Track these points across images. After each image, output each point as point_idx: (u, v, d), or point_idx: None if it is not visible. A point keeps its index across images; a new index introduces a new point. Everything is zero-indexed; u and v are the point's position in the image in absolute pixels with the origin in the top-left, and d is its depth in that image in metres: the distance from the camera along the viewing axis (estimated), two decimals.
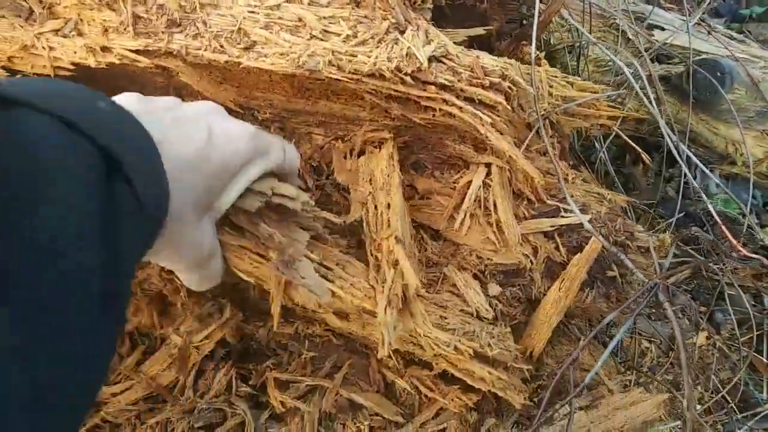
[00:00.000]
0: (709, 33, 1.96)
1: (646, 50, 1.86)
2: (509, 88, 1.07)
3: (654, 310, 1.44)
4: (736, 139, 2.02)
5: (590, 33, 1.68)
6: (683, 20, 2.03)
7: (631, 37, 1.93)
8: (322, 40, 1.01)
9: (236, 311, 1.08)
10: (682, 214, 1.78)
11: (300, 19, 1.02)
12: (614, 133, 1.43)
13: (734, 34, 2.10)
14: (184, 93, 1.13)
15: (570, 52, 1.94)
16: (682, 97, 1.93)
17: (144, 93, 0.79)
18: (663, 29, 1.98)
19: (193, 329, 1.06)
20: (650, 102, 1.38)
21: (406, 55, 1.00)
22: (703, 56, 1.86)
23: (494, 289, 1.05)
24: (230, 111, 1.16)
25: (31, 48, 1.05)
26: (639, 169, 2.41)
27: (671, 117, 1.90)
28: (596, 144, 1.70)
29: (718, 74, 1.83)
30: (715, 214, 1.19)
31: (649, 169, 2.42)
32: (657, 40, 1.95)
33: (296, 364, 1.09)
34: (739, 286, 1.68)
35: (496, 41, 1.33)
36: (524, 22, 1.30)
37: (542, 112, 1.10)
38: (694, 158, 1.32)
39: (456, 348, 0.93)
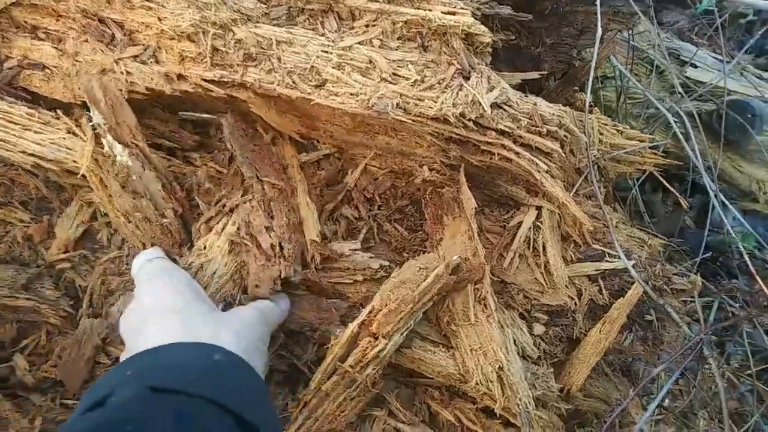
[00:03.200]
0: (741, 74, 2.01)
1: (681, 87, 1.90)
2: (564, 136, 1.12)
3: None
4: (760, 177, 2.08)
5: (630, 70, 1.73)
6: (716, 58, 2.08)
7: (666, 68, 1.98)
8: (391, 83, 1.06)
9: None
10: (707, 253, 1.82)
11: (371, 61, 1.07)
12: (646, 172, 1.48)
13: (764, 74, 2.14)
14: (246, 117, 1.18)
15: (602, 82, 1.99)
16: (712, 134, 1.98)
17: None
18: (696, 66, 2.03)
19: None
20: (683, 137, 1.44)
21: (471, 101, 1.04)
22: (735, 97, 1.91)
23: (539, 328, 1.10)
24: (293, 140, 1.21)
25: (109, 71, 1.09)
26: (659, 198, 2.47)
27: (700, 152, 1.96)
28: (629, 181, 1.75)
29: (749, 116, 1.88)
30: (747, 259, 1.25)
31: (668, 198, 2.48)
32: (688, 77, 2.00)
33: None
34: (758, 322, 1.74)
35: (546, 81, 1.38)
36: (574, 64, 1.35)
37: (592, 159, 1.15)
38: (719, 194, 1.37)
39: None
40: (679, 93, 1.85)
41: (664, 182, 1.30)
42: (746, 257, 1.14)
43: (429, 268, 1.03)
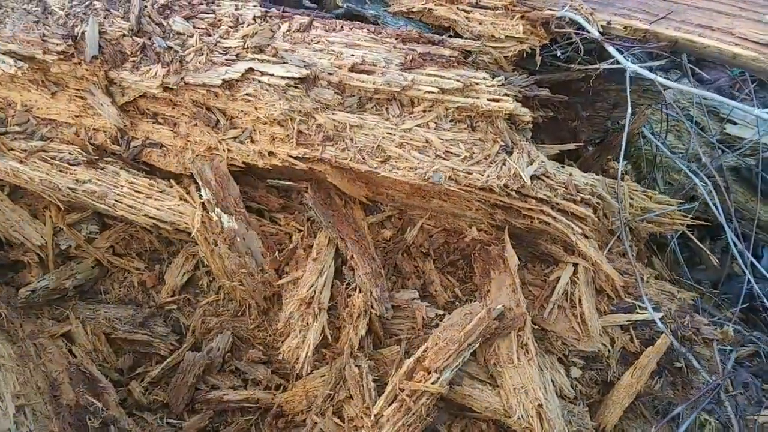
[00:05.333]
0: None
1: (719, 142, 2.02)
2: (597, 202, 1.28)
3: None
4: None
5: (666, 132, 1.87)
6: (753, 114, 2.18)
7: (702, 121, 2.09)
8: (444, 159, 1.26)
9: None
10: (755, 301, 1.89)
11: (427, 141, 1.27)
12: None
13: None
14: (321, 185, 1.40)
15: (643, 137, 2.12)
16: (751, 187, 2.07)
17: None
18: (735, 123, 2.14)
19: None
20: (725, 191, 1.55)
21: (513, 174, 1.23)
22: None
23: (576, 372, 1.25)
24: (360, 203, 1.43)
25: (214, 149, 1.35)
26: (706, 245, 2.54)
27: (741, 204, 2.06)
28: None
29: None
30: None
31: (716, 246, 2.54)
32: (728, 133, 2.11)
33: None
34: None
35: (584, 147, 1.55)
36: (609, 133, 1.51)
37: (624, 221, 1.31)
38: (744, 249, 1.47)
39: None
40: (719, 148, 1.96)
41: (696, 241, 1.43)
42: None
43: (474, 313, 1.20)
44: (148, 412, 1.33)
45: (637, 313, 1.28)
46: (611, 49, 1.27)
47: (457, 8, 1.48)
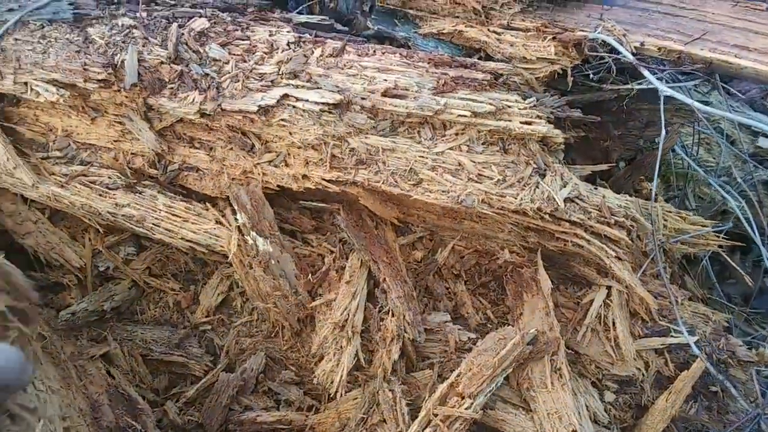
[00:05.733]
0: None
1: (751, 156, 1.99)
2: (631, 225, 1.28)
3: None
4: None
5: (697, 150, 1.85)
6: None
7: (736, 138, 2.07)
8: (477, 182, 1.27)
9: None
10: None
11: (460, 164, 1.28)
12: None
13: None
14: (353, 206, 1.42)
15: (674, 151, 2.10)
16: None
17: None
18: (767, 135, 2.11)
19: None
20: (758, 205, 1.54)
21: (546, 197, 1.23)
22: None
23: (609, 396, 1.24)
24: (392, 224, 1.44)
25: (249, 173, 1.37)
26: (736, 260, 2.50)
27: None
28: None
29: None
30: None
31: (747, 260, 2.50)
32: (760, 147, 2.08)
33: None
34: None
35: (616, 166, 1.54)
36: (641, 152, 1.50)
37: (658, 243, 1.30)
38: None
39: None
40: (752, 163, 1.94)
41: (728, 259, 1.42)
42: None
43: (507, 338, 1.21)
44: None
45: (672, 336, 1.27)
46: (646, 72, 1.27)
47: (489, 30, 1.49)
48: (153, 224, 1.38)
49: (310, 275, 1.34)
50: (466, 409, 1.11)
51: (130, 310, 1.47)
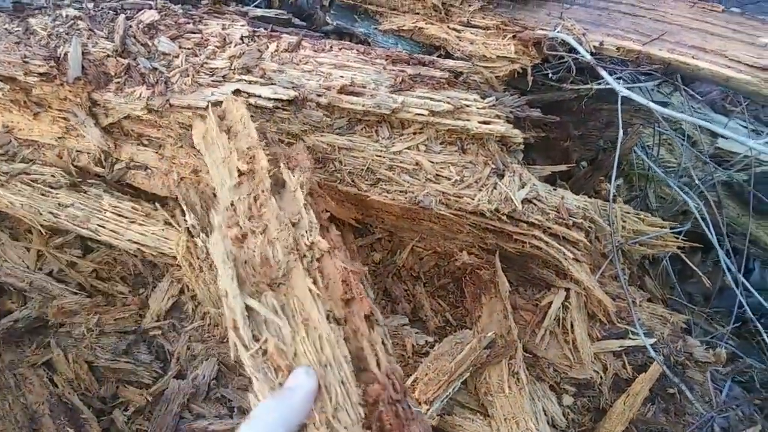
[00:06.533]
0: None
1: (711, 157, 2.01)
2: (589, 226, 1.27)
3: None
4: None
5: (658, 152, 1.86)
6: (741, 125, 2.18)
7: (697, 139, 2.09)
8: (434, 182, 1.24)
9: None
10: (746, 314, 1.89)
11: (417, 164, 1.25)
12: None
13: None
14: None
15: (634, 151, 2.11)
16: (743, 202, 2.06)
17: None
18: (725, 138, 2.13)
19: None
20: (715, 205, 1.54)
21: (504, 198, 1.21)
22: (765, 168, 2.00)
23: (568, 399, 1.23)
24: (350, 225, 1.40)
25: (199, 172, 1.32)
26: (697, 259, 2.53)
27: (733, 219, 2.05)
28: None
29: None
30: None
31: (708, 258, 2.53)
32: (720, 147, 2.10)
33: None
34: None
35: (576, 166, 1.53)
36: (601, 152, 1.50)
37: (616, 245, 1.29)
38: (733, 263, 1.46)
39: None
40: (711, 164, 1.95)
41: (689, 262, 1.42)
42: None
43: (464, 342, 1.18)
44: None
45: (629, 338, 1.27)
46: (603, 73, 1.26)
47: (448, 27, 1.46)
48: (98, 225, 1.32)
49: None
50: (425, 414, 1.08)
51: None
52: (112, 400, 1.35)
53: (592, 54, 1.30)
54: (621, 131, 1.28)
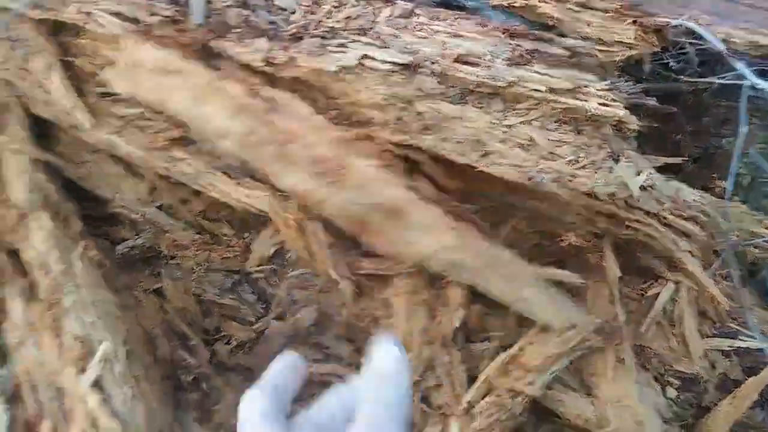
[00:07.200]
0: None
1: None
2: (705, 220, 1.22)
3: None
4: None
5: None
6: None
7: None
8: (549, 160, 1.21)
9: None
10: None
11: (531, 139, 1.23)
12: None
13: None
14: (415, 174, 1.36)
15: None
16: None
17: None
18: None
19: None
20: None
21: (620, 183, 1.17)
22: None
23: (672, 392, 1.18)
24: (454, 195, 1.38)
25: None
26: None
27: None
28: None
29: None
30: None
31: None
32: None
33: None
34: None
35: (685, 163, 1.48)
36: (713, 150, 1.45)
37: (731, 243, 1.24)
38: None
39: None
40: None
41: None
42: None
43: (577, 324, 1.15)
44: (231, 373, 1.32)
45: (741, 339, 1.21)
46: (739, 65, 1.21)
47: (565, 7, 1.44)
48: (209, 182, 1.33)
49: None
50: (529, 384, 1.05)
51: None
52: (215, 333, 1.38)
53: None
54: (746, 126, 1.23)
